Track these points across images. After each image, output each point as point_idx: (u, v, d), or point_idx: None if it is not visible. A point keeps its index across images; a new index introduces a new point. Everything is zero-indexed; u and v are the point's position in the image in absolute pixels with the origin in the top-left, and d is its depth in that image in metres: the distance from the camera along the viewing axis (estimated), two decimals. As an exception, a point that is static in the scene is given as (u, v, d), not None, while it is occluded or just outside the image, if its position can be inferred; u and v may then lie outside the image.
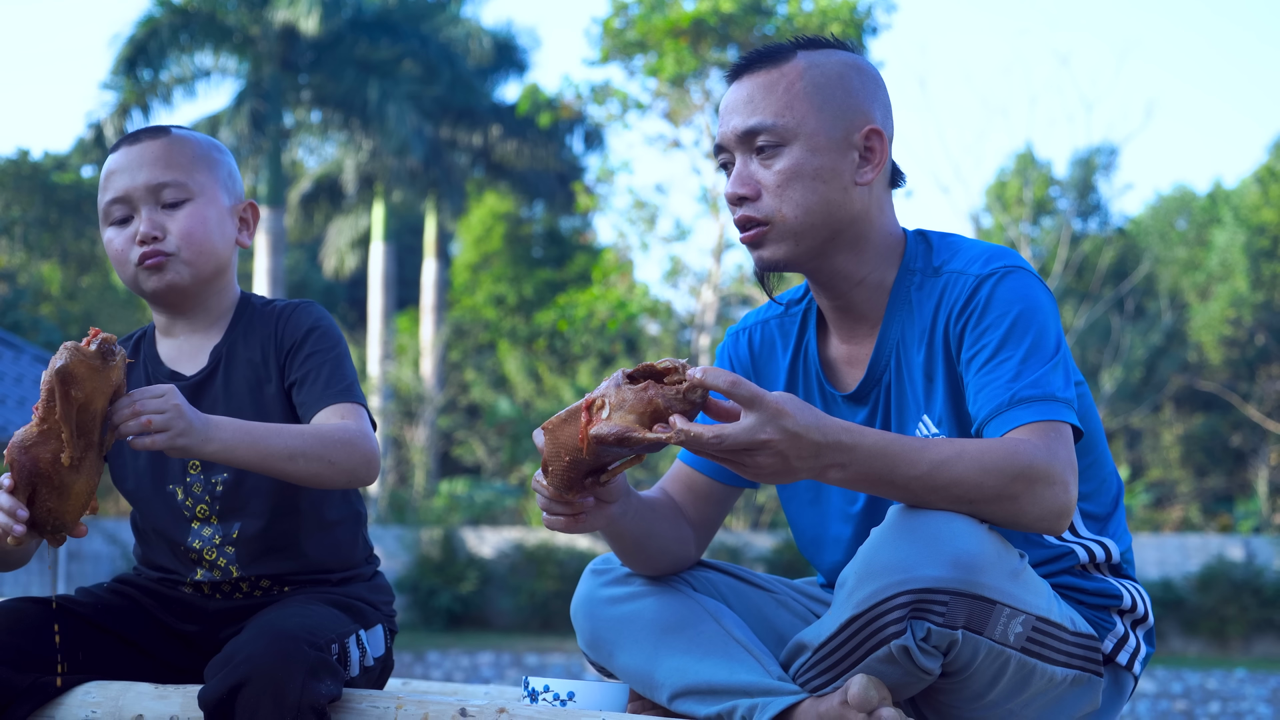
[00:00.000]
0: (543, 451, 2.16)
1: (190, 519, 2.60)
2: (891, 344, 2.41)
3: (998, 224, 27.72)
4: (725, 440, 2.05)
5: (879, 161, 2.40)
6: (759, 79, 2.40)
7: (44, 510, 2.29)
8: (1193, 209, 35.32)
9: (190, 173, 2.61)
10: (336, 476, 2.50)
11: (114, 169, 2.62)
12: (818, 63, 2.40)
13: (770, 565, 19.48)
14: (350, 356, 2.65)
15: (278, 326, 2.65)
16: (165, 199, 2.59)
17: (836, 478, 2.13)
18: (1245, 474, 29.69)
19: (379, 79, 27.26)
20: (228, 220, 2.66)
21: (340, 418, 2.54)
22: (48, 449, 2.25)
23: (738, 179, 2.40)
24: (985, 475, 2.13)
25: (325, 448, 2.47)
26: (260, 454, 2.42)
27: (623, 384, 2.09)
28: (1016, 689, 2.24)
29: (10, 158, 27.81)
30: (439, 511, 23.15)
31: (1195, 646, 19.62)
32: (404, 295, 34.96)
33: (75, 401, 2.22)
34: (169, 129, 2.66)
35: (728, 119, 2.42)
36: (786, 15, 21.29)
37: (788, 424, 2.05)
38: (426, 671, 15.16)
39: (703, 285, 22.32)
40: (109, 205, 2.62)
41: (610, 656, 2.43)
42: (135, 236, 2.59)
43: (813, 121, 2.36)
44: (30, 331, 23.22)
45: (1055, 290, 24.49)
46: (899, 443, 2.14)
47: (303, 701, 2.22)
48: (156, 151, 2.61)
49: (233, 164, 2.71)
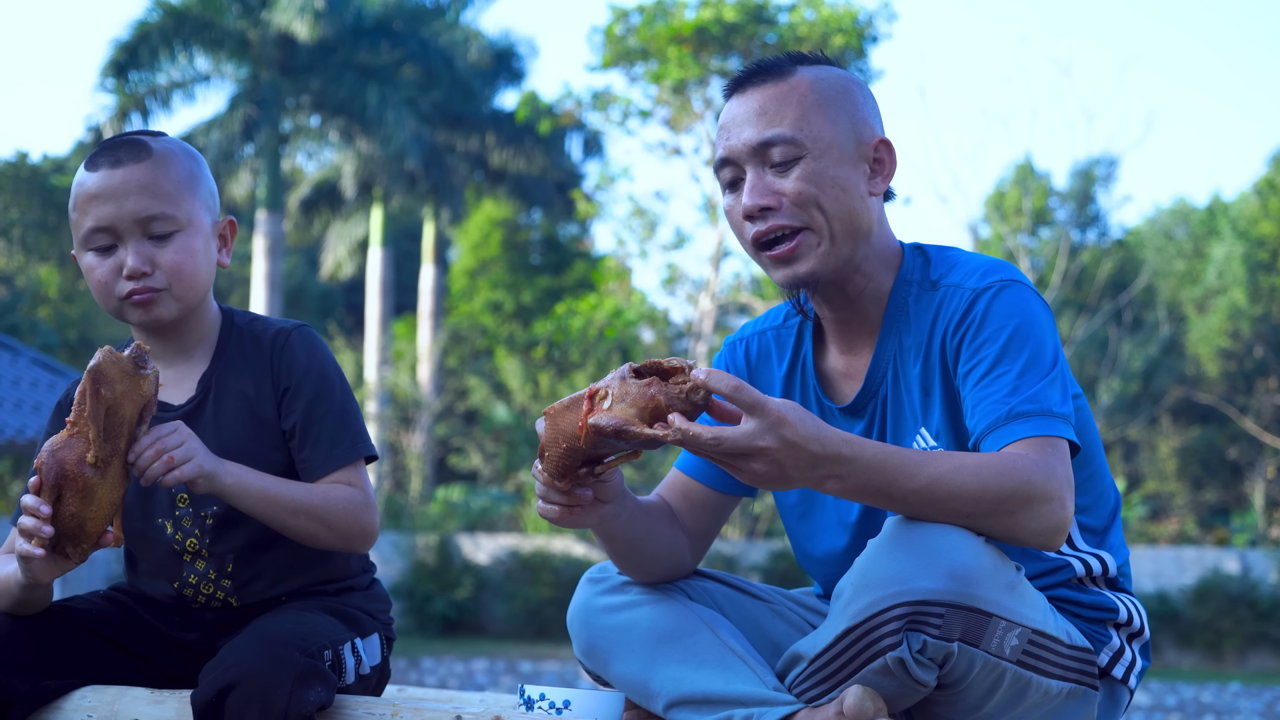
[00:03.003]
0: (542, 437, 2.16)
1: (181, 554, 2.58)
2: (888, 357, 2.41)
3: (996, 234, 27.74)
4: (723, 443, 2.05)
5: (889, 172, 2.41)
6: (767, 91, 2.38)
7: (68, 515, 2.30)
8: (1191, 221, 35.34)
9: (177, 202, 2.51)
10: (332, 540, 2.52)
11: (95, 193, 2.50)
12: (821, 76, 2.40)
13: (766, 575, 19.48)
14: (347, 386, 2.62)
15: (272, 359, 2.59)
16: (153, 231, 2.50)
17: (834, 488, 2.13)
18: (1242, 487, 29.70)
19: (378, 84, 27.26)
20: (211, 244, 2.58)
21: (348, 483, 2.54)
22: (75, 451, 2.28)
23: (755, 190, 2.36)
24: (983, 490, 2.13)
25: (329, 511, 2.49)
26: (268, 500, 2.44)
27: (628, 378, 2.09)
28: (1012, 702, 2.23)
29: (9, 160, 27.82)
30: (435, 518, 23.14)
31: (1190, 660, 19.62)
32: (402, 301, 34.96)
33: (105, 401, 2.26)
34: (149, 145, 2.53)
35: (737, 131, 2.39)
36: (789, 24, 21.31)
37: (787, 433, 2.05)
38: (421, 678, 15.15)
39: (700, 293, 22.32)
40: (91, 234, 2.51)
41: (606, 665, 2.43)
42: (121, 269, 2.50)
43: (829, 133, 2.36)
44: (28, 335, 23.23)
45: (1053, 301, 24.51)
46: (897, 455, 2.13)
47: (290, 708, 2.22)
48: (142, 178, 2.50)
49: (210, 176, 2.61)
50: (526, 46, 31.92)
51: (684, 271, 22.78)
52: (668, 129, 22.06)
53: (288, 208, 30.28)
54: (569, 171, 31.11)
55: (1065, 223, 27.16)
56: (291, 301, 33.57)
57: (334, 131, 29.21)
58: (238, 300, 32.43)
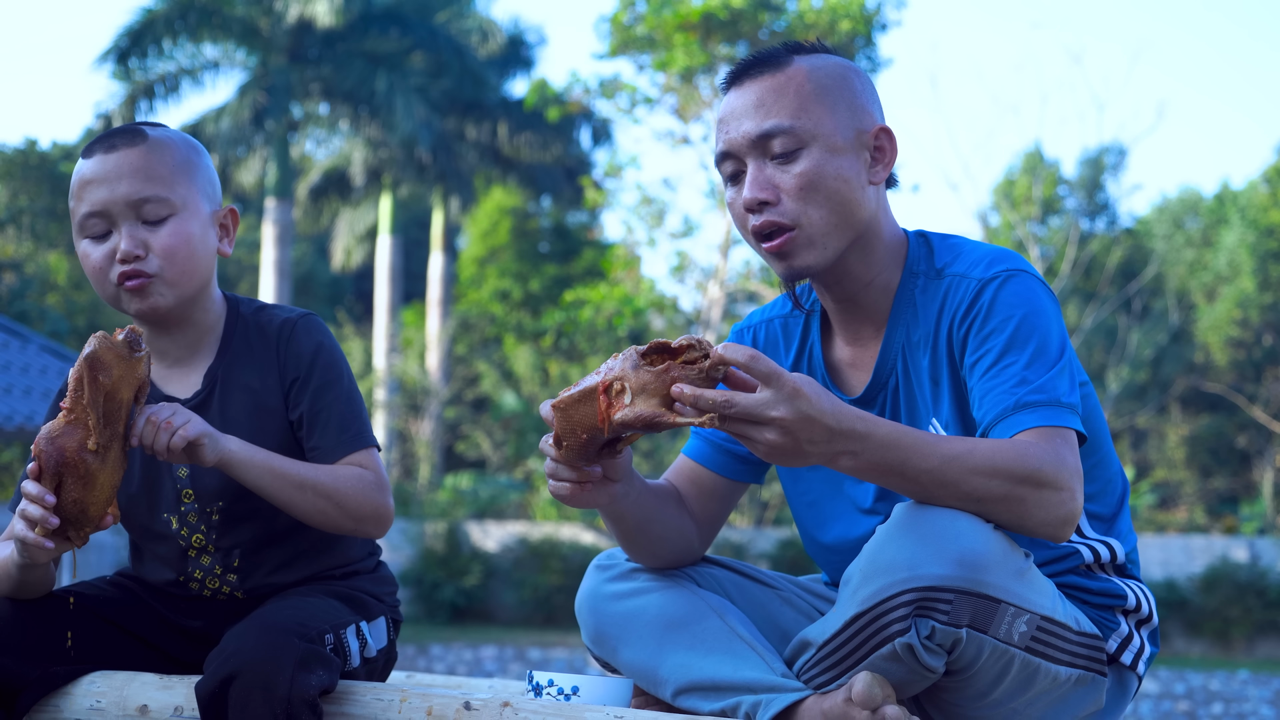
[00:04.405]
0: (554, 426, 2.14)
1: (187, 548, 2.58)
2: (897, 347, 2.41)
3: (1006, 223, 27.70)
4: (734, 406, 2.03)
5: (889, 160, 2.39)
6: (764, 83, 2.37)
7: (70, 501, 2.30)
8: (1200, 210, 35.28)
9: (172, 185, 2.49)
10: (342, 520, 2.49)
11: (90, 178, 2.49)
12: (818, 66, 2.38)
13: (775, 562, 19.49)
14: (353, 377, 2.60)
15: (279, 350, 2.57)
16: (147, 215, 2.47)
17: (847, 465, 2.12)
18: (1250, 475, 29.68)
19: (388, 72, 27.25)
20: (210, 231, 2.55)
21: (360, 465, 2.52)
22: (74, 438, 2.28)
23: (755, 184, 2.35)
24: (994, 475, 2.13)
25: (337, 489, 2.46)
26: (273, 473, 2.42)
27: (640, 366, 2.06)
28: (1020, 688, 2.24)
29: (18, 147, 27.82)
30: (443, 505, 23.16)
31: (1198, 648, 19.62)
32: (410, 289, 34.98)
33: (103, 388, 2.27)
34: (145, 132, 2.52)
35: (736, 124, 2.37)
36: (797, 11, 21.28)
37: (802, 405, 2.04)
38: (429, 664, 15.17)
39: (709, 281, 22.32)
40: (86, 219, 2.49)
41: (614, 652, 2.43)
42: (115, 253, 2.48)
43: (829, 123, 2.34)
44: (37, 321, 23.25)
45: (1062, 290, 24.49)
46: (911, 435, 2.13)
47: (293, 694, 2.22)
48: (135, 161, 2.48)
49: (210, 165, 2.59)
50: (535, 34, 31.95)
51: (693, 259, 22.80)
52: (675, 117, 22.07)
53: (297, 195, 30.29)
54: (578, 159, 31.10)
55: (1075, 211, 27.13)
56: (300, 289, 33.60)
57: (343, 119, 29.22)
58: (247, 288, 32.46)
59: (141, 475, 2.57)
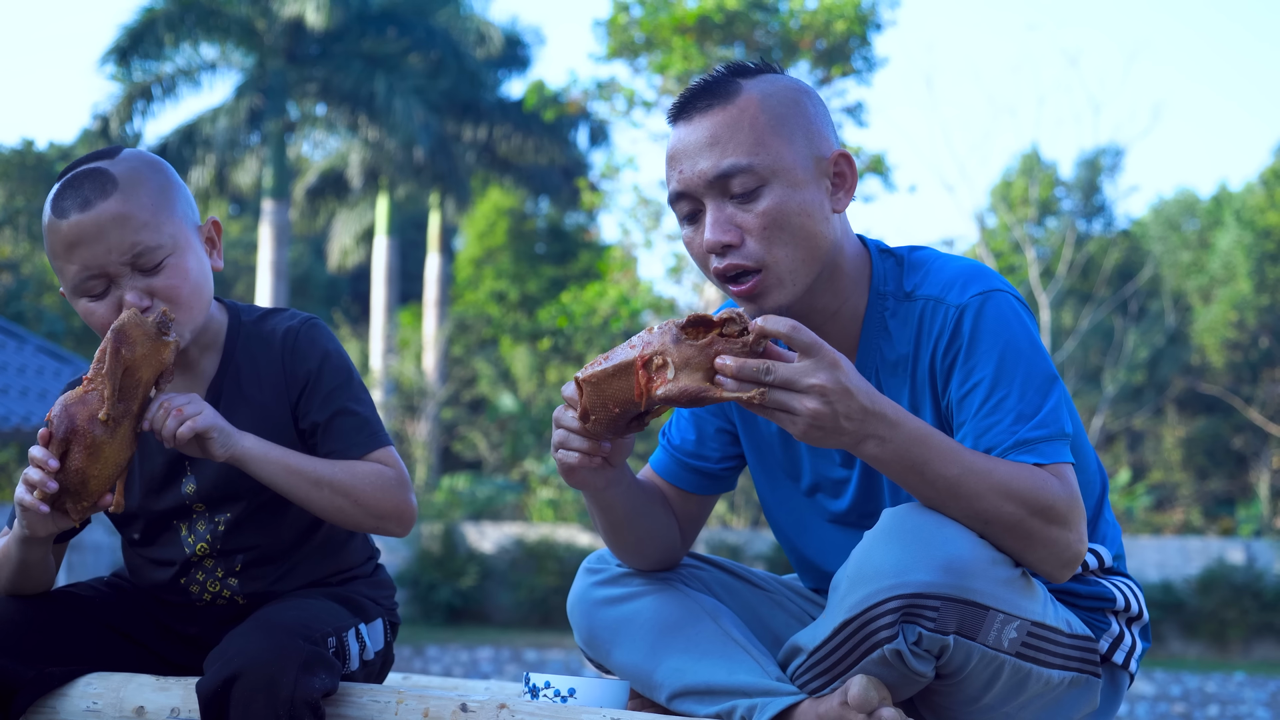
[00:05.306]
0: (580, 400, 2.12)
1: (191, 555, 2.58)
2: (870, 371, 2.36)
3: (1002, 224, 27.71)
4: (775, 373, 2.01)
5: (850, 186, 2.32)
6: (715, 117, 2.26)
7: (73, 470, 2.32)
8: (1197, 212, 35.29)
9: (158, 227, 2.41)
10: (362, 518, 2.47)
11: (73, 240, 2.39)
12: (769, 93, 2.28)
13: (771, 564, 19.49)
14: (361, 382, 2.59)
15: (284, 362, 2.54)
16: (143, 265, 2.40)
17: (873, 451, 2.09)
18: (1247, 477, 29.68)
19: (385, 72, 27.23)
20: (203, 256, 2.49)
21: (380, 463, 2.50)
22: (87, 407, 2.31)
23: (718, 226, 2.25)
24: (1009, 498, 2.11)
25: (355, 486, 2.45)
26: (288, 470, 2.41)
27: (682, 340, 2.05)
28: (1013, 692, 2.24)
29: (15, 148, 27.83)
30: (440, 506, 23.14)
31: (1195, 649, 19.62)
32: (407, 289, 34.96)
33: (124, 361, 2.29)
34: (110, 173, 2.42)
35: (690, 163, 2.26)
36: (790, 12, 21.28)
37: (842, 377, 2.02)
38: (425, 666, 15.17)
39: (705, 282, 22.31)
40: (83, 282, 2.41)
41: (607, 655, 2.44)
42: (120, 306, 2.41)
43: (788, 156, 2.25)
44: (34, 322, 23.25)
45: (1059, 291, 24.50)
46: (938, 437, 2.12)
47: (296, 696, 2.23)
48: (115, 211, 2.39)
49: (179, 181, 2.51)
50: (533, 35, 31.93)
51: (689, 260, 22.78)
52: (673, 119, 22.02)
53: (294, 196, 30.26)
54: (575, 161, 31.09)
55: (1071, 213, 27.12)
56: (297, 290, 33.58)
57: (340, 120, 29.18)
58: (243, 288, 32.44)
59: (150, 482, 2.58)
